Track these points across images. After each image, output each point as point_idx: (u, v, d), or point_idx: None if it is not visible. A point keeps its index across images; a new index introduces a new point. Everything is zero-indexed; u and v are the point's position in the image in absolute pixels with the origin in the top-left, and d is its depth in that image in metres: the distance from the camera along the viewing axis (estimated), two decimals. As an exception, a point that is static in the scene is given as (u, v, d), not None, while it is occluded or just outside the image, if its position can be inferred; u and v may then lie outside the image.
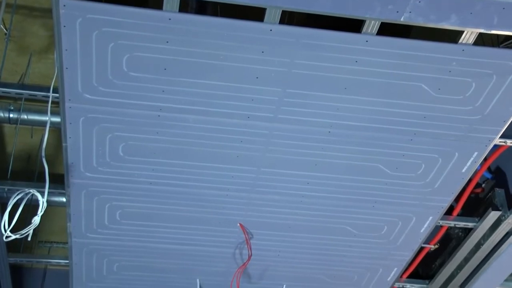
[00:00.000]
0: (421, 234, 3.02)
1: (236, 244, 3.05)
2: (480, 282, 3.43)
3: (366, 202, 2.82)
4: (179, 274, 3.25)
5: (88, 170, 2.56)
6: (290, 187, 2.72)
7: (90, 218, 2.82)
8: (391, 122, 2.42)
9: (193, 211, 2.83)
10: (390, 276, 3.34)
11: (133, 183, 2.66)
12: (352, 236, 3.03)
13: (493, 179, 3.14)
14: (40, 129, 3.07)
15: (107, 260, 3.10)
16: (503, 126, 2.44)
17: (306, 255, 3.16)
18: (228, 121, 2.39)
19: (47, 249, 4.05)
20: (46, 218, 3.65)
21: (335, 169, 2.63)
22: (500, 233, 3.08)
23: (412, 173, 2.66)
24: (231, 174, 2.64)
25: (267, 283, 3.35)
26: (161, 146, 2.49)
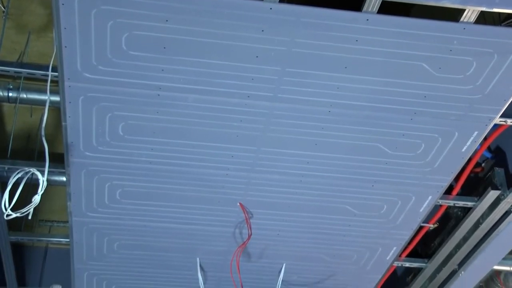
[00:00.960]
0: (420, 214, 3.03)
1: (236, 224, 3.06)
2: (478, 260, 3.45)
3: (365, 181, 2.82)
4: (179, 253, 3.27)
5: (88, 149, 2.56)
6: (290, 167, 2.72)
7: (90, 197, 2.83)
8: (391, 102, 2.42)
9: (193, 191, 2.83)
10: (389, 255, 3.36)
11: (133, 163, 2.66)
12: (351, 215, 3.04)
13: (492, 159, 3.14)
14: (40, 108, 3.07)
15: (107, 239, 3.12)
16: (504, 105, 2.43)
17: (305, 234, 3.17)
18: (228, 101, 2.39)
19: (48, 228, 4.08)
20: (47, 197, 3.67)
21: (335, 149, 2.63)
22: (499, 212, 3.09)
23: (412, 153, 2.66)
24: (231, 153, 2.64)
25: (267, 262, 3.37)
26: (161, 125, 2.48)
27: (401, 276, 4.07)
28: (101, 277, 3.44)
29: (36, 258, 4.22)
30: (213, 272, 3.43)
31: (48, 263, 4.23)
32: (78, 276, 3.40)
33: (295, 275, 3.51)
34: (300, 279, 3.55)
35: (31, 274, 4.18)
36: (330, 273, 3.51)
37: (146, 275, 3.45)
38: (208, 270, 3.41)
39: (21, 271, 3.96)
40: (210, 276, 3.46)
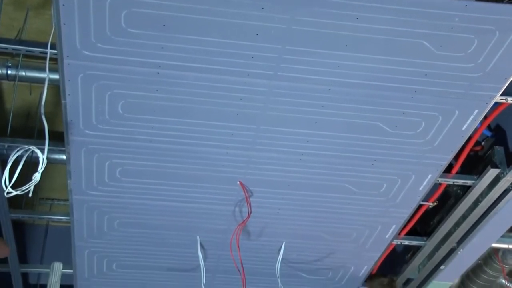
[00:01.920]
0: (419, 192, 3.04)
1: (235, 202, 3.07)
2: (477, 238, 3.46)
3: (365, 160, 2.82)
4: (180, 231, 3.28)
5: (87, 127, 2.56)
6: (289, 145, 2.72)
7: (90, 175, 2.84)
8: (391, 80, 2.41)
9: (193, 169, 2.84)
10: (389, 233, 3.38)
11: (132, 141, 2.66)
12: (351, 194, 3.05)
13: (492, 137, 3.14)
14: (39, 86, 3.06)
15: (107, 217, 3.13)
16: (505, 84, 2.43)
17: (305, 213, 3.18)
18: (227, 79, 2.38)
19: (48, 206, 4.09)
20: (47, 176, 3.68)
21: (335, 127, 2.63)
22: (498, 190, 3.10)
23: (411, 131, 2.66)
24: (230, 132, 2.63)
25: (267, 240, 3.39)
26: (161, 103, 2.48)
27: (400, 254, 4.09)
28: (102, 254, 3.46)
29: (37, 236, 4.24)
30: (213, 250, 3.45)
31: (49, 241, 4.25)
32: (79, 254, 3.42)
33: (294, 253, 3.53)
34: (300, 257, 3.58)
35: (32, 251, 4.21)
36: (329, 251, 3.53)
37: (147, 253, 3.47)
38: (208, 248, 3.43)
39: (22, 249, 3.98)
40: (210, 254, 3.48)
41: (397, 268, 4.07)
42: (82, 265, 3.54)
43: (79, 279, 3.69)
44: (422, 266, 3.90)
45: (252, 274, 3.57)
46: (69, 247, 3.39)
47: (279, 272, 3.40)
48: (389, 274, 3.95)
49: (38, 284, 4.11)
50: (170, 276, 3.72)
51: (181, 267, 3.61)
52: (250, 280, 3.41)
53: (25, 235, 4.22)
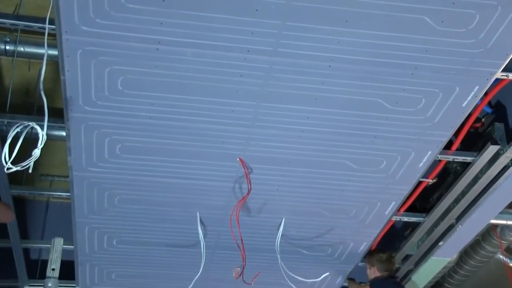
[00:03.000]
0: (419, 169, 3.04)
1: (235, 179, 3.07)
2: (476, 214, 3.48)
3: (365, 136, 2.82)
4: (180, 207, 3.30)
5: (87, 104, 2.55)
6: (289, 122, 2.72)
7: (90, 152, 2.84)
8: (392, 56, 2.39)
9: (193, 146, 2.84)
10: (388, 210, 3.39)
11: (132, 117, 2.65)
12: (351, 170, 3.05)
13: (493, 114, 3.14)
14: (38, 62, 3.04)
15: (108, 193, 3.14)
16: (506, 59, 2.41)
17: (305, 189, 3.19)
18: (227, 55, 2.37)
19: (49, 182, 4.10)
20: (47, 152, 3.68)
21: (335, 104, 2.62)
22: (497, 167, 3.10)
23: (412, 108, 2.65)
24: (230, 108, 2.63)
25: (266, 217, 3.40)
26: (160, 80, 2.47)
27: (399, 230, 4.12)
28: (102, 230, 3.47)
29: (37, 212, 4.26)
30: (213, 227, 3.46)
31: (50, 217, 4.26)
32: (80, 230, 3.44)
33: (294, 230, 3.54)
34: (299, 234, 3.59)
35: (33, 227, 4.23)
36: (329, 228, 3.54)
37: (147, 229, 3.48)
38: (208, 225, 3.44)
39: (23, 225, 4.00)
40: (210, 231, 3.49)
41: (396, 244, 4.10)
42: (83, 241, 3.56)
43: (80, 254, 3.71)
44: (421, 242, 3.93)
45: (252, 251, 3.59)
46: (69, 223, 3.40)
47: (278, 248, 3.42)
48: (388, 250, 3.98)
49: (40, 260, 4.14)
50: (170, 252, 3.74)
51: (181, 243, 3.63)
52: (250, 256, 3.42)
53: (26, 211, 4.23)
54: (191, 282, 3.46)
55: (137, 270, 3.97)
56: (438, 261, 4.14)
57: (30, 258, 4.14)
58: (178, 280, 3.90)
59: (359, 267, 4.09)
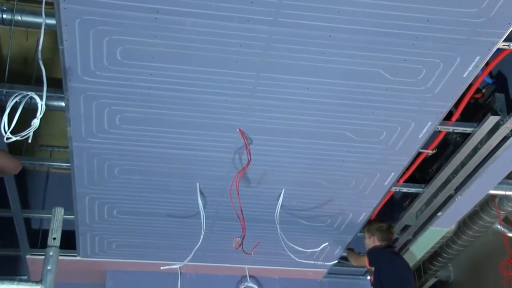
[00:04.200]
0: (419, 140, 3.04)
1: (235, 149, 3.08)
2: (475, 185, 3.49)
3: (365, 107, 2.82)
4: (179, 178, 3.31)
5: (86, 74, 2.54)
6: (289, 93, 2.71)
7: (90, 122, 2.83)
8: (393, 26, 2.37)
9: (192, 116, 2.83)
10: (387, 181, 3.40)
11: (131, 88, 2.64)
12: (350, 141, 3.05)
13: (493, 84, 3.12)
14: (36, 31, 3.01)
15: (108, 164, 3.14)
16: (508, 29, 2.38)
17: (305, 160, 3.20)
18: (227, 25, 2.34)
19: (49, 153, 4.10)
20: (46, 122, 3.67)
21: (335, 74, 2.61)
22: (497, 137, 3.09)
23: (412, 78, 2.64)
24: (230, 79, 2.62)
25: (266, 188, 3.41)
26: (160, 50, 2.45)
27: (398, 201, 4.14)
28: (103, 201, 3.49)
29: (38, 182, 4.27)
30: (213, 197, 3.48)
31: (50, 187, 4.28)
32: (80, 200, 3.46)
33: (293, 200, 3.56)
34: (299, 204, 3.61)
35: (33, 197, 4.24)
36: (328, 198, 3.56)
37: (147, 200, 3.50)
38: (208, 195, 3.46)
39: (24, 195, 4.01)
40: (210, 201, 3.51)
41: (395, 214, 4.12)
42: (83, 211, 3.58)
43: (81, 224, 3.74)
44: (420, 212, 3.95)
45: (252, 221, 3.61)
46: (70, 193, 3.42)
47: (278, 219, 3.44)
48: (387, 220, 4.00)
49: (41, 229, 4.17)
50: (170, 223, 3.76)
51: (181, 214, 3.65)
52: (249, 226, 3.44)
53: (27, 181, 4.24)
54: (191, 252, 3.49)
55: (138, 240, 4.00)
56: (437, 231, 4.17)
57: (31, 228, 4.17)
58: (178, 250, 3.93)
59: (358, 238, 4.12)
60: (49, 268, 2.08)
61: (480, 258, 5.83)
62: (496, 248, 5.37)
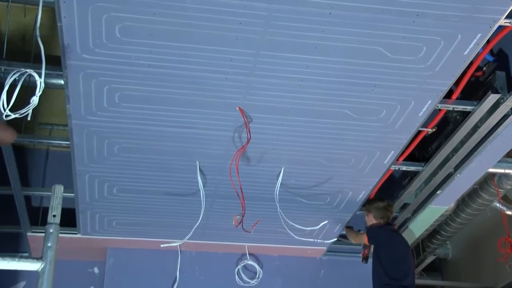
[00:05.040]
0: (419, 118, 3.04)
1: (235, 128, 3.07)
2: (474, 163, 3.50)
3: (365, 85, 2.81)
4: (179, 156, 3.31)
5: (84, 51, 2.52)
6: (289, 71, 2.70)
7: (89, 100, 2.83)
8: (393, 3, 2.35)
9: (192, 95, 2.83)
10: (387, 159, 3.40)
11: (131, 66, 2.63)
12: (350, 119, 3.05)
13: (494, 62, 3.10)
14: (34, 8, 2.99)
15: (107, 142, 3.14)
16: (510, 6, 2.36)
17: (304, 139, 3.20)
18: (227, 2, 2.33)
19: (48, 131, 4.10)
20: (46, 100, 3.66)
21: (335, 52, 2.60)
22: (497, 116, 3.09)
23: (413, 56, 2.63)
24: (230, 57, 2.60)
25: (266, 166, 3.42)
26: (159, 27, 2.43)
27: (397, 179, 4.14)
28: (103, 179, 3.50)
29: (38, 160, 4.28)
30: (213, 175, 3.49)
31: (50, 165, 4.29)
32: (80, 178, 3.47)
33: (293, 179, 3.57)
34: (298, 183, 3.62)
35: (33, 175, 4.26)
36: (328, 177, 3.57)
37: (147, 178, 3.51)
38: (207, 174, 3.46)
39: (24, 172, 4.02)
40: (210, 179, 3.52)
41: (395, 193, 4.13)
42: (83, 189, 3.59)
43: (81, 202, 3.75)
44: (419, 191, 3.96)
45: (251, 199, 3.62)
46: (70, 171, 3.42)
47: (278, 197, 3.45)
48: (387, 199, 4.01)
49: (41, 207, 4.18)
50: (170, 201, 3.78)
51: (181, 192, 3.66)
52: (249, 205, 3.46)
53: (26, 159, 4.25)
54: (191, 230, 3.51)
55: (138, 218, 4.02)
56: (436, 209, 4.19)
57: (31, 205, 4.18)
58: (178, 228, 3.95)
59: (358, 216, 4.14)
60: (50, 245, 2.09)
61: (479, 236, 5.87)
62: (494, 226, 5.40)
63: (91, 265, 4.80)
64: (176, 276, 4.46)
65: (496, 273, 5.55)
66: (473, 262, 6.02)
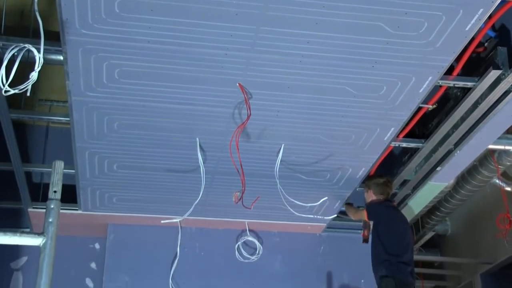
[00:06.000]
0: (419, 94, 3.03)
1: (235, 104, 3.07)
2: (474, 140, 3.50)
3: (366, 62, 2.79)
4: (179, 133, 3.31)
5: (83, 27, 2.51)
6: (289, 47, 2.68)
7: (89, 76, 2.81)
8: (395, -22, 2.33)
9: (192, 71, 2.81)
10: (387, 136, 3.40)
11: (130, 41, 2.62)
12: (350, 96, 3.04)
13: (496, 38, 3.08)
14: (31, -19, 2.96)
15: (107, 118, 3.14)
16: (512, -19, 2.35)
17: (305, 115, 3.19)
18: (226, -24, 2.31)
19: (48, 107, 4.10)
20: (45, 77, 3.65)
21: (336, 28, 2.58)
22: (498, 92, 3.08)
23: (414, 32, 2.61)
24: (230, 33, 2.58)
25: (266, 143, 3.42)
26: (159, 2, 2.41)
27: (397, 156, 4.15)
28: (103, 155, 3.50)
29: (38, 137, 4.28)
30: (213, 152, 3.49)
31: (50, 141, 4.29)
32: (80, 155, 3.47)
33: (293, 156, 3.57)
34: (298, 159, 3.63)
35: (34, 152, 4.26)
36: (328, 154, 3.57)
37: (147, 154, 3.51)
38: (207, 150, 3.47)
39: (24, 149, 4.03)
40: (210, 156, 3.52)
41: (394, 170, 4.14)
42: (84, 165, 3.59)
43: (81, 179, 3.76)
44: (419, 167, 3.97)
45: (251, 176, 3.63)
46: (70, 147, 3.43)
47: (278, 174, 3.45)
48: (386, 175, 4.02)
49: (42, 183, 4.20)
50: (170, 177, 3.78)
51: (181, 168, 3.67)
52: (249, 181, 3.46)
53: (26, 135, 4.25)
54: (191, 206, 3.52)
55: (138, 195, 4.03)
56: (435, 186, 4.20)
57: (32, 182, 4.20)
58: (179, 204, 3.96)
59: (357, 192, 4.16)
60: (51, 220, 2.10)
61: (478, 212, 5.90)
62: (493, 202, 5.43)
63: (92, 241, 4.83)
64: (177, 252, 4.49)
65: (495, 249, 5.59)
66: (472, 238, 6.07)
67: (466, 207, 5.79)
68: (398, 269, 3.70)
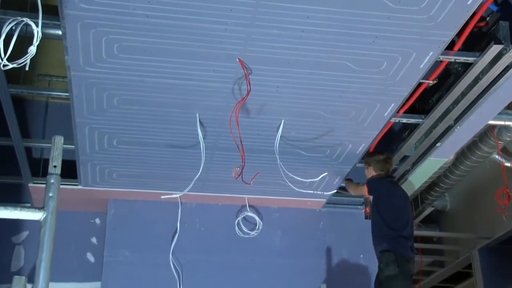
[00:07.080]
0: (420, 70, 3.02)
1: (234, 80, 3.06)
2: (475, 116, 3.49)
3: (366, 37, 2.77)
4: (179, 108, 3.30)
5: (82, 0, 2.48)
6: (289, 21, 2.66)
7: (88, 51, 2.80)
8: (396, -49, 2.30)
9: (192, 46, 2.80)
10: (387, 112, 3.40)
11: (129, 16, 2.59)
12: (351, 71, 3.03)
13: (498, 12, 3.06)
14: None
15: (107, 93, 3.13)
16: (516, -47, 2.32)
17: (305, 91, 3.18)
18: (226, -51, 2.28)
19: (47, 83, 4.08)
20: (44, 51, 3.63)
21: (336, 2, 2.55)
22: (499, 67, 3.07)
23: (415, 6, 2.58)
24: (229, 7, 2.56)
25: (266, 118, 3.41)
26: (157, -24, 2.39)
27: (397, 132, 4.15)
28: (103, 131, 3.50)
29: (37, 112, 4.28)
30: (213, 128, 3.49)
31: (50, 116, 4.29)
32: (80, 130, 3.47)
33: (293, 131, 3.57)
34: (298, 135, 3.62)
35: (33, 127, 4.26)
36: (328, 129, 3.57)
37: (147, 130, 3.51)
38: (207, 126, 3.46)
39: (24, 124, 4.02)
40: (210, 132, 3.52)
41: (394, 145, 4.15)
42: (84, 141, 3.59)
43: (81, 154, 3.76)
44: (419, 143, 3.97)
45: (251, 152, 3.63)
46: (70, 123, 3.42)
47: (278, 149, 3.46)
48: (386, 151, 4.02)
49: (42, 159, 4.20)
50: (170, 153, 3.79)
51: (181, 144, 3.67)
52: (249, 157, 3.46)
53: (26, 110, 4.24)
54: (191, 182, 3.53)
55: (138, 170, 4.04)
56: (435, 161, 4.20)
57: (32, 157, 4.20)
58: (179, 180, 3.97)
59: (357, 168, 4.16)
60: (51, 195, 2.11)
61: (477, 187, 5.92)
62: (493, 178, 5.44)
63: (92, 216, 4.85)
64: (177, 228, 4.51)
65: (493, 224, 5.62)
66: (471, 213, 6.10)
67: (465, 183, 5.81)
68: (398, 243, 3.73)
